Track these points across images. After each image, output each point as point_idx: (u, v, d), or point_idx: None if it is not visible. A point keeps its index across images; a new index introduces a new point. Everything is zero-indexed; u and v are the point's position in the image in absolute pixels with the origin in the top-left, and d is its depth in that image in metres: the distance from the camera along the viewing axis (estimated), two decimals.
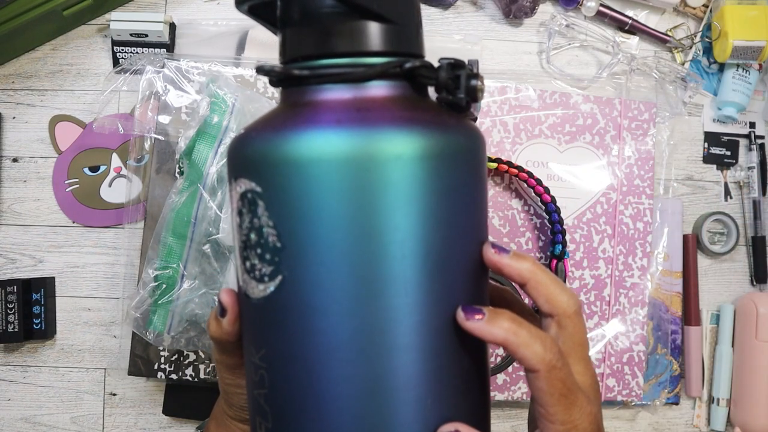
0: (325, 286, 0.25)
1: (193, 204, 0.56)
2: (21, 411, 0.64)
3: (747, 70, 0.68)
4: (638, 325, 0.63)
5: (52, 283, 0.64)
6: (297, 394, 0.26)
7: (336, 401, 0.26)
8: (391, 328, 0.25)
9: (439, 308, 0.26)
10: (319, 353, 0.26)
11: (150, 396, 0.64)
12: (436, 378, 0.26)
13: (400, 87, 0.27)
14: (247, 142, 0.27)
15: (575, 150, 0.63)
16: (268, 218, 0.26)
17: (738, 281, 0.69)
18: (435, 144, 0.25)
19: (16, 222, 0.65)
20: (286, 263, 0.26)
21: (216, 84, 0.58)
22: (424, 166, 0.25)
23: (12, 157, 0.65)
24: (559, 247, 0.59)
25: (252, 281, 0.27)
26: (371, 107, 0.26)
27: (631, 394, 0.63)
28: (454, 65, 0.28)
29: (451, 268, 0.26)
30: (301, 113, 0.26)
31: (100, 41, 0.66)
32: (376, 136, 0.25)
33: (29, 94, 0.66)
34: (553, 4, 0.69)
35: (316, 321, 0.25)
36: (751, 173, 0.69)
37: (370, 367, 0.25)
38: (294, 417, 0.26)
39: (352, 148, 0.24)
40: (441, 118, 0.27)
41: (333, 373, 0.25)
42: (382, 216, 0.25)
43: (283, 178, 0.25)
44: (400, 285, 0.25)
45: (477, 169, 0.27)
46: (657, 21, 0.70)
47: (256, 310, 0.27)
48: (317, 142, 0.25)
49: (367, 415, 0.26)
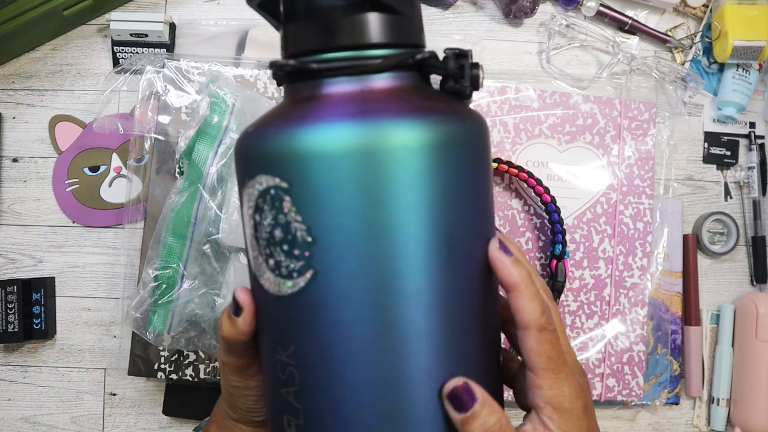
0: (357, 277, 0.26)
1: (193, 204, 0.56)
2: (21, 411, 0.64)
3: (747, 70, 0.68)
4: (638, 325, 0.63)
5: (52, 283, 0.64)
6: (331, 388, 0.26)
7: (372, 392, 0.26)
8: (418, 314, 0.26)
9: (460, 291, 0.27)
10: (353, 346, 0.26)
11: (150, 396, 0.64)
12: (456, 366, 0.27)
13: (410, 77, 0.28)
14: (264, 138, 0.27)
15: (575, 150, 0.63)
16: (296, 213, 0.26)
17: (738, 281, 0.69)
18: (451, 131, 0.26)
19: (16, 222, 0.65)
20: (317, 257, 0.26)
21: (216, 84, 0.58)
22: (442, 153, 0.26)
23: (12, 157, 0.65)
24: (559, 247, 0.59)
25: (277, 278, 0.27)
26: (389, 98, 0.27)
27: (631, 394, 0.63)
28: (458, 55, 0.28)
29: (470, 251, 0.27)
30: (320, 107, 0.26)
31: (100, 41, 0.66)
32: (399, 126, 0.25)
33: (29, 94, 0.66)
34: (553, 4, 0.69)
35: (350, 313, 0.26)
36: (751, 173, 0.69)
37: (403, 357, 0.26)
38: (329, 411, 0.27)
39: (377, 139, 0.25)
40: (452, 107, 0.28)
41: (368, 365, 0.26)
42: (406, 204, 0.25)
43: (311, 173, 0.25)
44: (424, 270, 0.26)
45: (485, 152, 0.29)
46: (657, 21, 0.70)
47: (282, 306, 0.27)
48: (344, 135, 0.25)
49: (401, 404, 0.26)
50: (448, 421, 0.26)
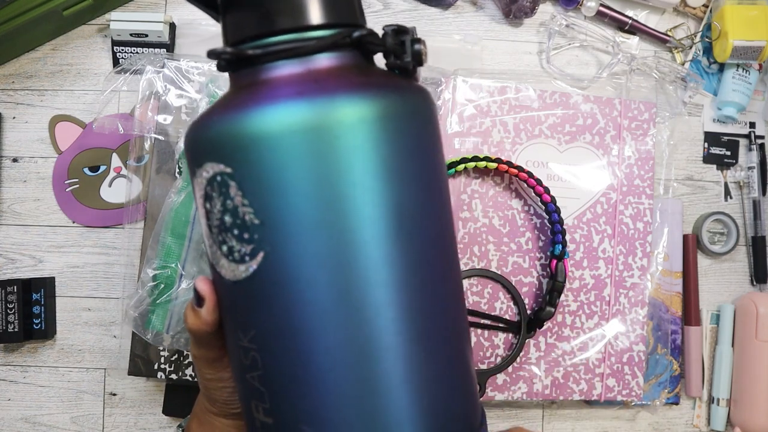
0: (307, 254, 0.26)
1: (192, 204, 0.56)
2: (21, 411, 0.64)
3: (747, 70, 0.68)
4: (638, 325, 0.63)
5: (52, 283, 0.64)
6: (293, 368, 0.26)
7: (333, 368, 0.26)
8: (373, 287, 0.26)
9: (414, 262, 0.27)
10: (310, 323, 0.26)
11: (150, 396, 0.64)
12: (423, 331, 0.27)
13: (350, 56, 0.28)
14: (209, 126, 0.27)
15: (575, 150, 0.63)
16: (242, 197, 0.26)
17: (738, 281, 0.69)
18: (392, 104, 0.26)
19: (16, 222, 0.65)
20: (266, 239, 0.26)
21: (216, 84, 0.58)
22: (384, 126, 0.26)
23: (12, 157, 0.65)
24: (559, 247, 0.59)
25: (231, 264, 0.27)
26: (328, 77, 0.27)
27: (631, 394, 0.63)
28: (398, 31, 0.29)
29: (423, 227, 0.27)
30: (260, 91, 0.27)
31: (100, 41, 0.66)
32: (338, 102, 0.26)
33: (29, 94, 0.66)
34: (553, 4, 0.69)
35: (302, 291, 0.26)
36: (751, 173, 0.69)
37: (359, 329, 0.26)
38: (293, 391, 0.27)
39: (317, 117, 0.25)
40: (393, 81, 0.28)
41: (326, 341, 0.26)
42: (353, 178, 0.26)
43: (253, 155, 0.26)
44: (375, 243, 0.26)
45: (432, 124, 0.29)
46: (657, 21, 0.70)
47: (239, 292, 0.27)
48: (283, 115, 0.25)
49: (363, 376, 0.26)
50: (412, 393, 0.27)
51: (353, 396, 0.26)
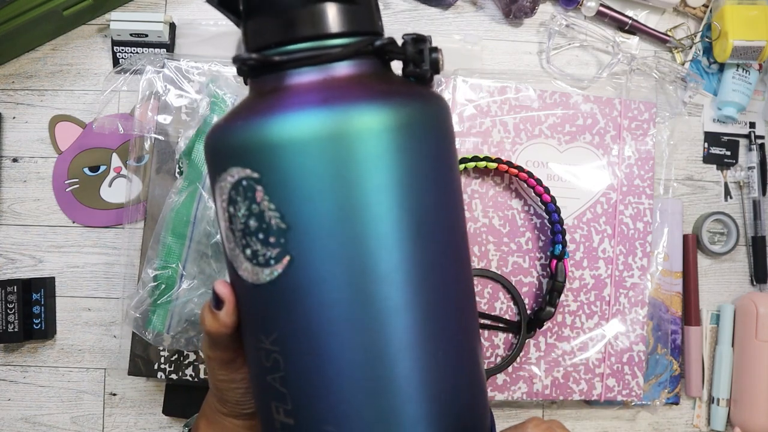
0: (330, 259, 0.26)
1: (193, 204, 0.56)
2: (21, 411, 0.64)
3: (747, 70, 0.68)
4: (638, 325, 0.63)
5: (52, 283, 0.64)
6: (316, 369, 0.27)
7: (354, 368, 0.27)
8: (392, 290, 0.27)
9: (430, 265, 0.28)
10: (332, 325, 0.27)
11: (150, 396, 0.64)
12: (440, 333, 0.28)
13: (370, 64, 0.29)
14: (233, 131, 0.27)
15: (575, 150, 0.63)
16: (269, 202, 0.26)
17: (738, 281, 0.69)
18: (412, 113, 0.27)
19: (16, 222, 0.65)
20: (292, 243, 0.26)
21: (216, 84, 0.58)
22: (404, 133, 0.27)
23: (12, 157, 0.65)
24: (559, 247, 0.59)
25: (255, 267, 0.27)
26: (350, 84, 0.27)
27: (631, 394, 0.63)
28: (417, 40, 0.29)
29: (439, 233, 0.28)
30: (284, 97, 0.27)
31: (100, 41, 0.66)
32: (361, 110, 0.26)
33: (29, 94, 0.66)
34: (553, 4, 0.69)
35: (326, 294, 0.26)
36: (751, 173, 0.69)
37: (379, 331, 0.27)
38: (315, 392, 0.27)
39: (342, 125, 0.26)
40: (412, 89, 0.29)
41: (348, 342, 0.26)
42: (373, 184, 0.26)
43: (281, 161, 0.26)
44: (394, 247, 0.27)
45: (448, 132, 0.30)
46: (657, 21, 0.70)
47: (262, 295, 0.28)
48: (309, 122, 0.26)
49: (382, 376, 0.27)
50: (429, 392, 0.27)
51: (373, 395, 0.27)
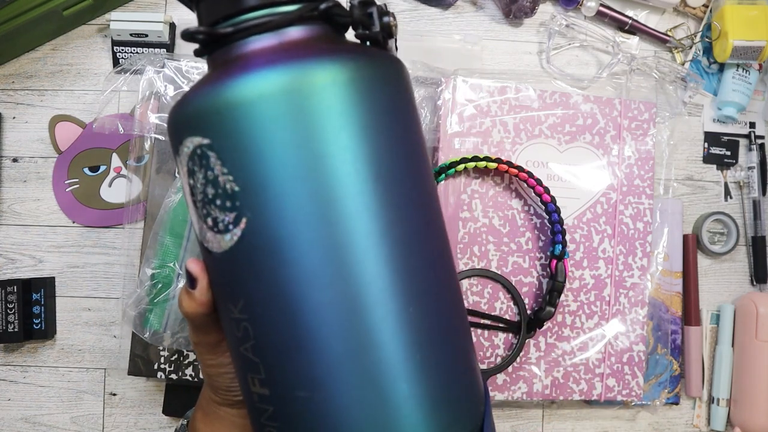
0: (288, 215, 0.26)
1: None
2: (21, 411, 0.64)
3: (747, 70, 0.68)
4: (638, 325, 0.63)
5: (52, 283, 0.64)
6: (284, 332, 0.27)
7: (323, 328, 0.26)
8: (356, 241, 0.26)
9: (393, 215, 0.27)
10: (297, 284, 0.26)
11: (150, 396, 0.64)
12: (411, 284, 0.27)
13: (320, 29, 0.29)
14: (186, 103, 0.28)
15: (575, 150, 0.63)
16: (221, 166, 0.27)
17: (738, 281, 0.69)
18: (360, 68, 0.27)
19: (16, 222, 0.65)
20: (246, 204, 0.26)
21: None
22: (353, 87, 0.27)
23: (12, 157, 0.65)
24: (559, 247, 0.59)
25: (217, 235, 0.28)
26: (297, 46, 0.28)
27: (631, 394, 0.63)
28: (364, 3, 0.30)
29: (401, 180, 0.28)
30: (234, 65, 0.27)
31: (100, 41, 0.66)
32: (307, 66, 0.26)
33: (29, 94, 0.66)
34: (553, 4, 0.69)
35: (287, 252, 0.26)
36: (751, 173, 0.69)
37: (346, 285, 0.26)
38: (285, 356, 0.27)
39: (287, 81, 0.26)
40: (362, 48, 0.29)
41: (315, 300, 0.26)
42: (327, 139, 0.26)
43: (228, 123, 0.26)
44: (356, 200, 0.26)
45: (405, 89, 0.30)
46: (657, 21, 0.70)
47: (226, 263, 0.28)
48: (255, 82, 0.26)
49: (353, 334, 0.26)
50: (405, 347, 0.27)
51: (345, 355, 0.26)
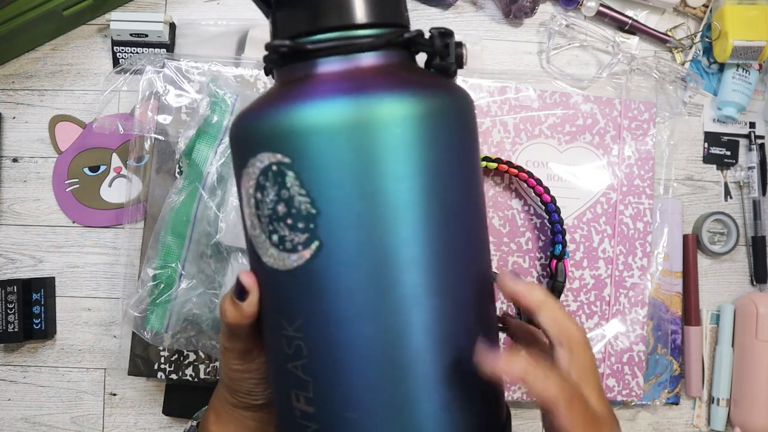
0: (359, 245, 0.27)
1: (192, 203, 0.56)
2: (21, 411, 0.64)
3: (747, 70, 0.68)
4: (638, 325, 0.63)
5: (52, 283, 0.64)
6: (340, 357, 0.27)
7: (379, 354, 0.27)
8: (416, 275, 0.27)
9: (452, 249, 0.28)
10: (357, 311, 0.27)
11: (150, 396, 0.64)
12: (460, 318, 0.28)
13: (397, 55, 0.29)
14: (263, 118, 0.28)
15: (575, 150, 0.63)
16: (299, 187, 0.27)
17: (738, 281, 0.69)
18: (438, 102, 0.28)
19: (16, 222, 0.65)
20: (322, 229, 0.27)
21: (216, 84, 0.58)
22: (430, 122, 0.27)
23: (12, 157, 0.65)
24: (559, 247, 0.59)
25: (282, 253, 0.28)
26: (378, 74, 0.28)
27: (631, 394, 0.63)
28: (444, 34, 0.30)
29: (461, 216, 0.29)
30: (315, 85, 0.28)
31: (100, 41, 0.66)
32: (390, 99, 0.27)
33: (29, 94, 0.66)
34: (553, 4, 0.69)
35: (354, 280, 0.27)
36: (751, 173, 0.69)
37: (401, 317, 0.27)
38: (338, 380, 0.27)
39: (372, 112, 0.26)
40: (439, 81, 0.30)
41: (374, 327, 0.27)
42: (401, 172, 0.27)
43: (313, 147, 0.26)
44: (417, 235, 0.27)
45: (472, 123, 0.31)
46: (657, 21, 0.70)
47: (288, 281, 0.28)
48: (342, 109, 0.26)
49: (406, 364, 0.27)
50: (450, 383, 0.28)
51: (395, 383, 0.27)
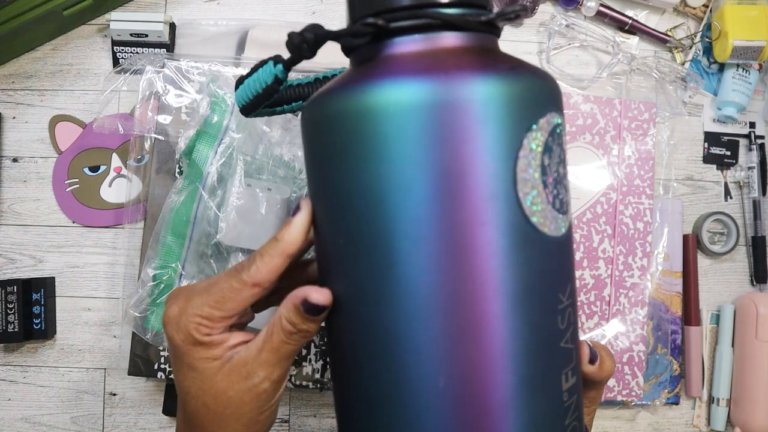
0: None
1: (193, 203, 0.56)
2: (21, 411, 0.64)
3: (747, 70, 0.68)
4: (638, 325, 0.63)
5: (52, 283, 0.64)
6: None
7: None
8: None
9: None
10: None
11: (150, 396, 0.64)
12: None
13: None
14: (546, 78, 0.28)
15: (575, 150, 0.63)
16: (561, 152, 0.28)
17: (738, 281, 0.69)
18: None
19: (16, 222, 0.65)
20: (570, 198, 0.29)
21: (216, 84, 0.58)
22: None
23: (12, 157, 0.65)
24: None
25: (559, 216, 0.27)
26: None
27: (631, 394, 0.63)
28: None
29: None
30: (502, 56, 0.28)
31: (100, 41, 0.66)
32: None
33: (29, 94, 0.66)
34: (553, 4, 0.69)
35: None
36: (751, 173, 0.69)
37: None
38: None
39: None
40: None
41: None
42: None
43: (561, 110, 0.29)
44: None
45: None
46: (657, 21, 0.70)
47: (559, 248, 0.28)
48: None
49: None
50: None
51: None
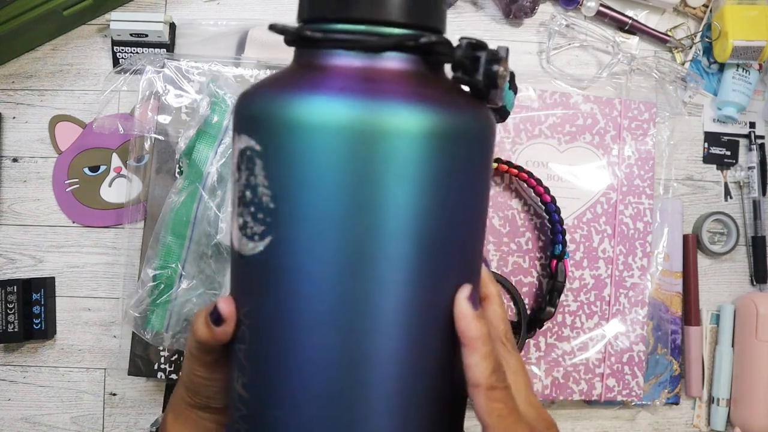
0: (313, 252, 0.25)
1: (193, 204, 0.56)
2: (21, 411, 0.64)
3: (747, 70, 0.68)
4: (638, 325, 0.63)
5: (52, 283, 0.64)
6: (274, 355, 0.26)
7: (313, 367, 0.25)
8: (378, 302, 0.25)
9: (428, 290, 0.26)
10: (300, 317, 0.25)
11: (150, 396, 0.64)
12: (416, 359, 0.26)
13: (414, 61, 0.26)
14: (252, 99, 0.26)
15: (575, 150, 0.63)
16: (264, 178, 0.25)
17: (738, 281, 0.69)
18: (441, 123, 0.25)
19: (16, 222, 0.65)
20: (276, 225, 0.25)
21: (216, 84, 0.58)
22: (428, 144, 0.24)
23: (12, 157, 0.65)
24: (559, 247, 0.59)
25: (243, 238, 0.27)
26: (380, 78, 0.25)
27: (631, 394, 0.63)
28: (474, 45, 0.27)
29: (447, 252, 0.26)
30: (309, 76, 0.26)
31: (100, 41, 0.66)
32: (382, 108, 0.24)
33: (29, 94, 0.66)
34: (553, 4, 0.69)
35: (300, 285, 0.25)
36: (751, 173, 0.69)
37: (350, 339, 0.25)
38: (269, 378, 0.26)
39: (356, 118, 0.24)
40: (450, 98, 0.26)
41: (313, 339, 0.25)
42: (381, 189, 0.24)
43: (282, 140, 0.25)
44: (392, 261, 0.25)
45: (484, 154, 0.27)
46: (657, 21, 0.70)
47: (244, 266, 0.27)
48: (320, 108, 0.24)
49: (341, 386, 0.25)
50: (400, 403, 0.26)
51: (327, 399, 0.25)
